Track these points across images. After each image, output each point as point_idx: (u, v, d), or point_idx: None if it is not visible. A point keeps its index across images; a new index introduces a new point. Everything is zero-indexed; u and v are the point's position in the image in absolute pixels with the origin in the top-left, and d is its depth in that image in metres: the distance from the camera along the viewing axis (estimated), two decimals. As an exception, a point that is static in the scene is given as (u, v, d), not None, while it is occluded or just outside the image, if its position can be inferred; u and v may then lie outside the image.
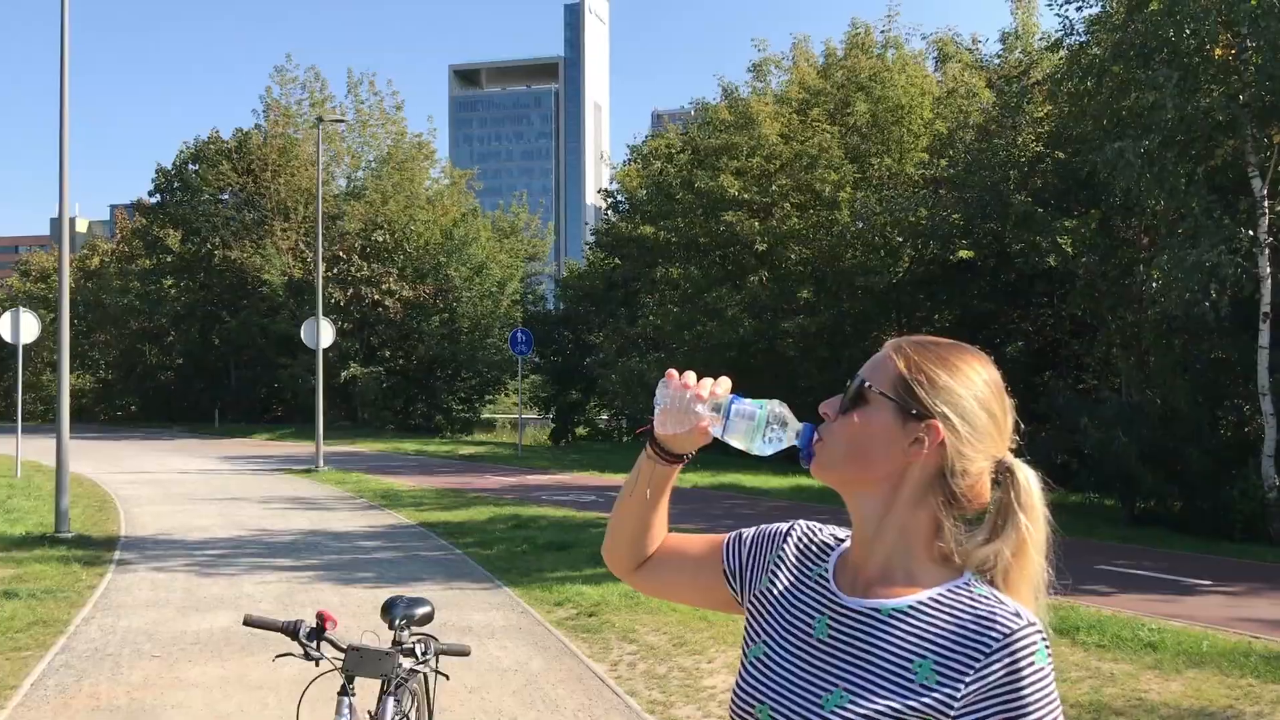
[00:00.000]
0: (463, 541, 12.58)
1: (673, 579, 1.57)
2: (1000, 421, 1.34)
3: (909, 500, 1.32)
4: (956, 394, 1.31)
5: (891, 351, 1.36)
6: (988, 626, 1.24)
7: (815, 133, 24.93)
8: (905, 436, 1.31)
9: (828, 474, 1.36)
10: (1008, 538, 1.31)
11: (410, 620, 3.57)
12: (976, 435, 1.31)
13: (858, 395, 1.33)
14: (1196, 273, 13.04)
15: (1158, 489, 15.54)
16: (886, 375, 1.33)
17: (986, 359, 1.37)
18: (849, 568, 1.38)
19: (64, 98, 12.72)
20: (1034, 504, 1.33)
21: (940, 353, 1.35)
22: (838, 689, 1.28)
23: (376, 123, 43.46)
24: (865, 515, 1.35)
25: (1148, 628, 7.89)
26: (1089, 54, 15.46)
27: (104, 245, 54.78)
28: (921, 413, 1.30)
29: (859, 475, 1.34)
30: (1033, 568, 1.32)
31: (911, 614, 1.29)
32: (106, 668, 6.94)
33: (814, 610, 1.37)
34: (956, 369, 1.33)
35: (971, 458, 1.31)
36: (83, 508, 15.22)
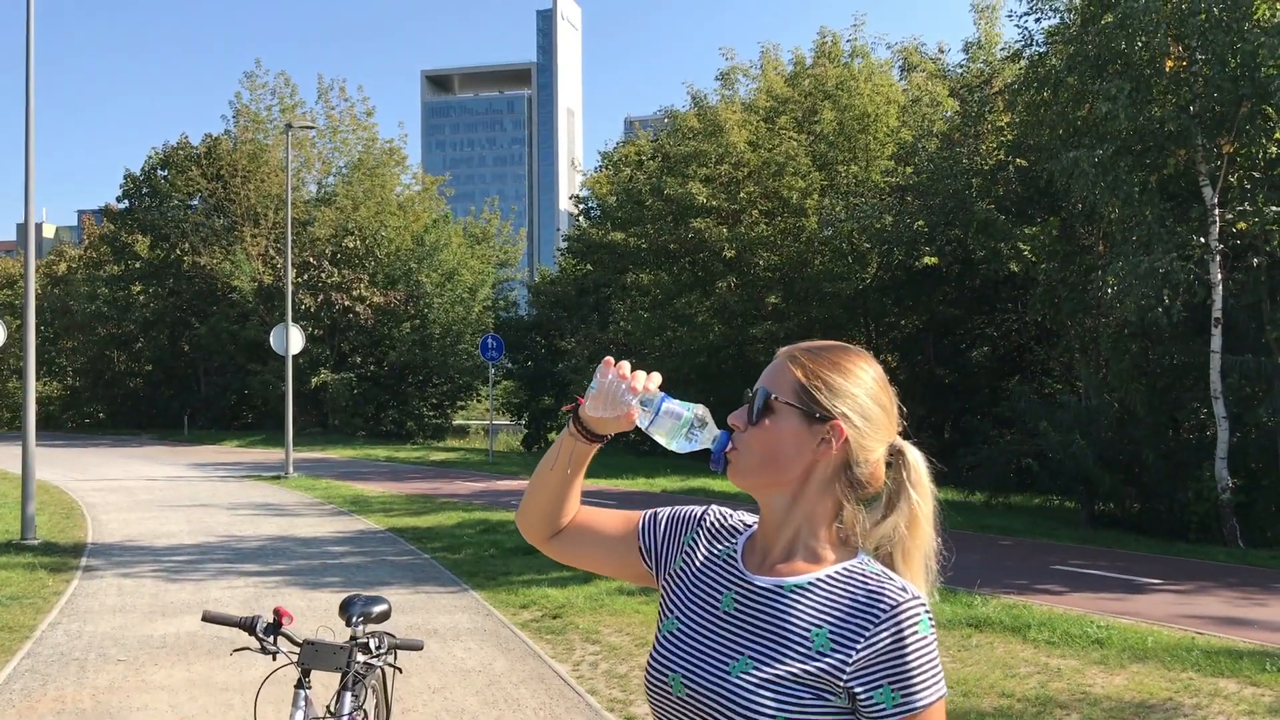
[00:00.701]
0: (430, 546, 12.66)
1: (587, 551, 1.67)
2: (889, 410, 1.51)
3: (815, 491, 1.48)
4: (852, 394, 1.47)
5: (787, 362, 1.50)
6: (877, 599, 1.40)
7: (782, 140, 25.19)
8: (812, 438, 1.46)
9: (745, 479, 1.50)
10: (902, 512, 1.48)
11: (367, 618, 3.66)
12: (872, 427, 1.48)
13: (765, 406, 1.47)
14: (1150, 279, 13.36)
15: (1116, 491, 15.86)
16: (787, 385, 1.48)
17: (870, 356, 1.53)
18: (757, 550, 1.53)
19: (29, 103, 12.73)
20: (923, 481, 1.50)
21: (831, 357, 1.50)
22: (743, 657, 1.43)
23: (347, 129, 43.39)
24: (775, 508, 1.50)
25: (1096, 625, 8.11)
26: (1047, 65, 15.79)
27: (71, 251, 54.28)
28: (824, 415, 1.46)
29: (774, 478, 1.48)
30: (925, 538, 1.50)
31: (811, 589, 1.45)
32: (72, 672, 7.00)
33: (722, 587, 1.52)
34: (848, 371, 1.49)
35: (870, 447, 1.48)
36: (49, 515, 15.18)
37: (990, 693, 6.49)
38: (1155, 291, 13.53)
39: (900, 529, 1.48)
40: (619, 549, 1.65)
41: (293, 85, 43.73)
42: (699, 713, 1.43)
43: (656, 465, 25.53)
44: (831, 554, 1.47)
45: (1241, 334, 14.80)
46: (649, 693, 1.51)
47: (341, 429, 39.91)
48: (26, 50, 12.74)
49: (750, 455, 1.48)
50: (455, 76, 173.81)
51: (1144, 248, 13.75)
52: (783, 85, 27.40)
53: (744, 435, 1.48)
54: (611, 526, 1.67)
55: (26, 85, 12.73)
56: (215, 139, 43.95)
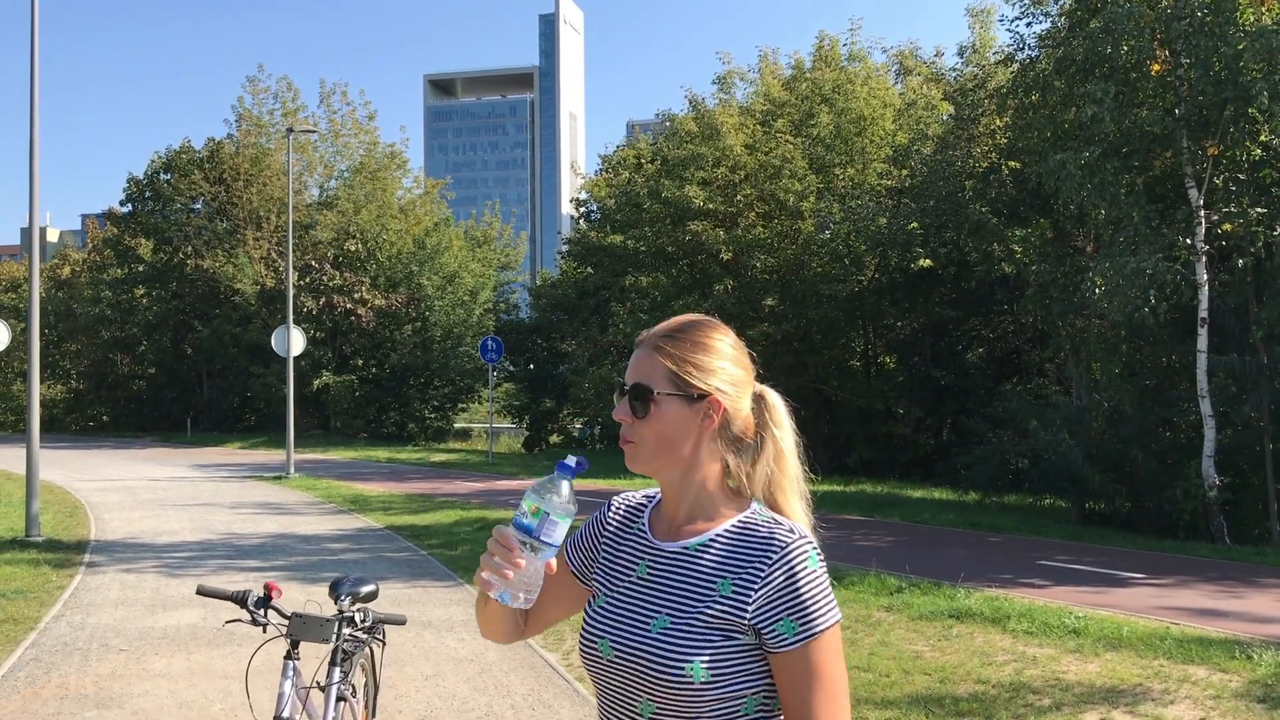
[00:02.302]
0: (428, 543, 12.87)
1: (551, 615, 1.78)
2: (749, 368, 1.70)
3: (704, 458, 1.66)
4: (718, 367, 1.65)
5: (652, 352, 1.63)
6: (768, 543, 1.57)
7: (779, 144, 25.39)
8: (695, 416, 1.63)
9: (643, 467, 1.66)
10: (770, 450, 1.67)
11: (355, 597, 3.83)
12: (740, 389, 1.67)
13: (647, 399, 1.63)
14: (1137, 280, 13.54)
15: (1106, 489, 16.03)
16: (660, 375, 1.62)
17: (721, 324, 1.70)
18: (664, 519, 1.70)
19: (34, 108, 12.96)
20: (782, 418, 1.69)
21: (691, 337, 1.66)
22: (661, 615, 1.60)
23: (349, 132, 43.67)
24: (672, 481, 1.67)
25: (1074, 616, 8.30)
26: (1036, 69, 15.99)
27: (75, 255, 54.58)
28: (701, 394, 1.63)
29: (669, 460, 1.64)
30: (792, 467, 1.68)
31: (712, 545, 1.63)
32: (75, 660, 7.20)
33: (636, 558, 1.70)
34: (710, 347, 1.66)
35: (741, 406, 1.67)
36: (53, 514, 15.40)
37: (967, 679, 6.69)
38: (1142, 292, 13.71)
39: (771, 466, 1.65)
40: (568, 592, 1.76)
41: (295, 90, 44.06)
42: (628, 669, 1.59)
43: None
44: (726, 509, 1.65)
45: (1228, 334, 14.98)
46: (584, 660, 1.69)
47: (343, 431, 40.14)
48: (31, 57, 12.97)
49: (644, 446, 1.61)
50: (458, 80, 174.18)
51: (1131, 249, 13.93)
52: (780, 89, 27.61)
53: (634, 428, 1.61)
54: (550, 582, 1.69)
55: (31, 92, 12.96)
56: (218, 143, 44.22)
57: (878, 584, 9.66)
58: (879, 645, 7.56)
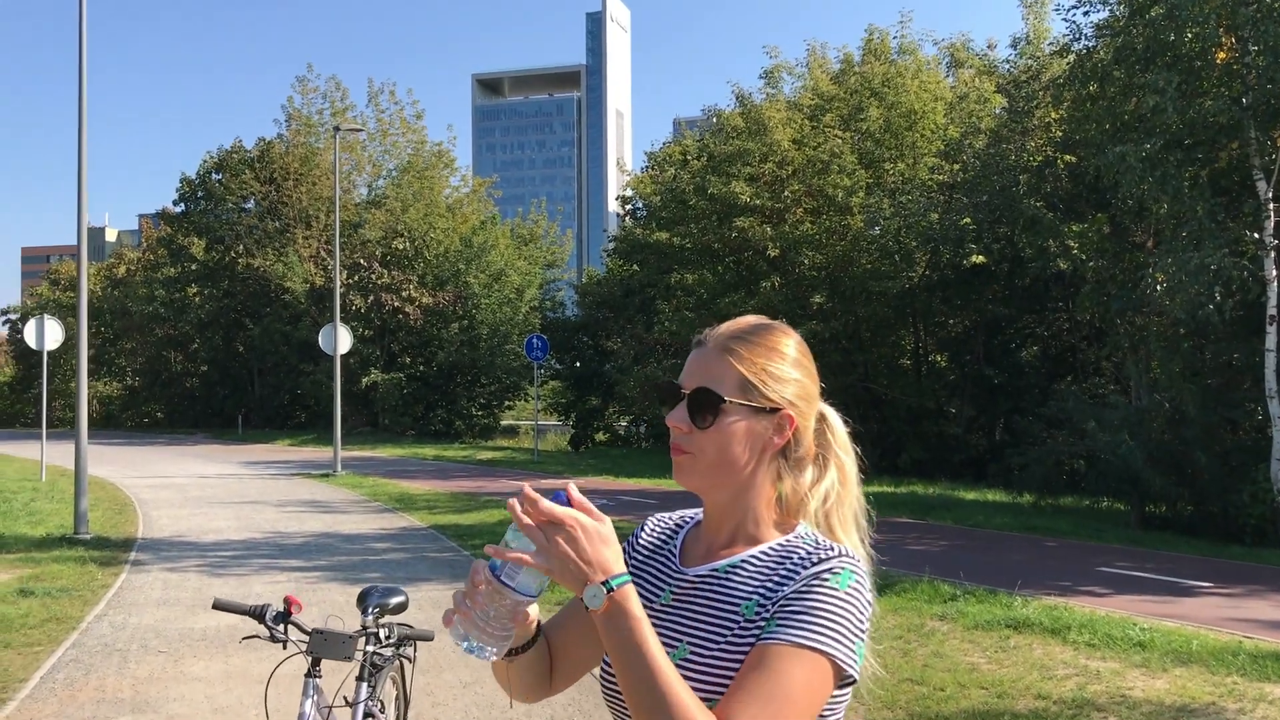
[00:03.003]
0: (471, 544, 12.76)
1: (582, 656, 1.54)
2: (817, 381, 1.50)
3: (761, 478, 1.46)
4: (792, 377, 1.45)
5: (722, 354, 1.43)
6: (804, 561, 1.38)
7: (828, 138, 25.01)
8: (764, 432, 1.43)
9: (696, 483, 1.45)
10: (831, 475, 1.49)
11: (384, 609, 3.68)
12: (810, 403, 1.48)
13: (713, 407, 1.42)
14: (1201, 276, 13.05)
15: (1167, 493, 15.52)
16: (731, 380, 1.43)
17: (789, 328, 1.51)
18: (701, 542, 1.51)
19: (82, 110, 13.03)
20: (845, 442, 1.52)
21: (764, 342, 1.46)
22: (682, 644, 1.41)
23: (397, 131, 43.92)
24: (721, 503, 1.48)
25: (1139, 627, 7.94)
26: (1094, 59, 15.50)
27: (130, 254, 55.55)
28: (773, 407, 1.43)
29: (728, 480, 1.44)
30: (853, 493, 1.51)
31: (744, 566, 1.43)
32: (114, 662, 7.15)
33: (660, 584, 1.50)
34: (783, 354, 1.46)
35: (810, 424, 1.48)
36: (103, 510, 15.55)
37: (1026, 694, 6.39)
38: (1206, 289, 13.21)
39: (834, 488, 1.49)
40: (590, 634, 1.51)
41: (343, 89, 44.42)
42: None
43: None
44: (771, 533, 1.46)
45: (1297, 332, 14.41)
46: (604, 694, 1.50)
47: (391, 428, 40.38)
48: (80, 57, 13.04)
49: (701, 460, 1.42)
50: (505, 80, 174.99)
51: (1194, 244, 13.43)
52: (828, 83, 27.21)
53: (692, 438, 1.42)
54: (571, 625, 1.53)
55: (80, 94, 13.04)
56: (268, 143, 44.72)
57: (931, 591, 9.35)
58: (933, 656, 7.27)
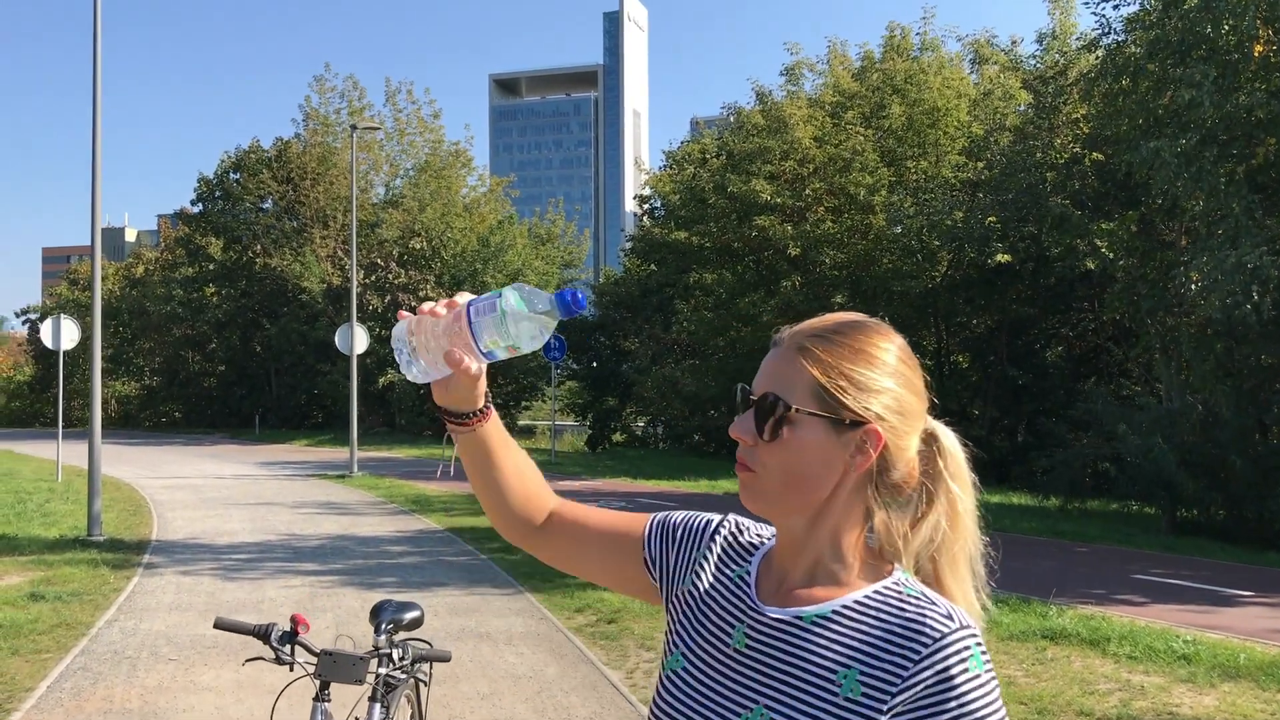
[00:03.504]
0: (488, 547, 12.53)
1: (574, 552, 1.44)
2: (922, 393, 1.25)
3: (842, 506, 1.22)
4: (883, 386, 1.20)
5: (796, 355, 1.21)
6: (916, 631, 1.14)
7: (850, 136, 24.72)
8: (843, 449, 1.19)
9: (763, 505, 1.23)
10: (941, 509, 1.23)
11: (398, 625, 3.47)
12: (907, 420, 1.22)
13: (779, 416, 1.19)
14: (1237, 275, 12.69)
15: (1200, 497, 15.15)
16: (804, 387, 1.19)
17: (888, 328, 1.26)
18: (773, 573, 1.28)
19: (96, 113, 12.89)
20: (962, 470, 1.25)
21: (849, 343, 1.22)
22: (758, 705, 1.19)
23: (414, 131, 43.82)
24: (794, 530, 1.24)
25: (1182, 639, 7.65)
26: (1125, 53, 15.15)
27: (148, 254, 55.69)
28: (855, 420, 1.19)
29: (800, 502, 1.21)
30: (968, 535, 1.25)
31: (835, 619, 1.19)
32: (123, 670, 6.96)
33: (733, 619, 1.27)
34: (873, 358, 1.21)
35: (908, 444, 1.22)
36: (118, 512, 15.41)
37: (1067, 710, 6.12)
38: (1243, 288, 12.84)
39: (941, 528, 1.23)
40: (615, 555, 1.41)
41: (361, 89, 44.35)
42: None
43: (718, 467, 25.23)
44: (859, 575, 1.22)
45: (1337, 332, 14.03)
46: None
47: (407, 428, 40.27)
48: (94, 59, 12.89)
49: (769, 478, 1.21)
50: (522, 80, 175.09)
51: (1230, 242, 13.07)
52: (850, 80, 26.91)
53: (756, 452, 1.21)
54: (606, 527, 1.42)
55: (94, 96, 12.88)
56: (285, 142, 44.70)
57: (962, 599, 9.06)
58: (968, 670, 6.99)
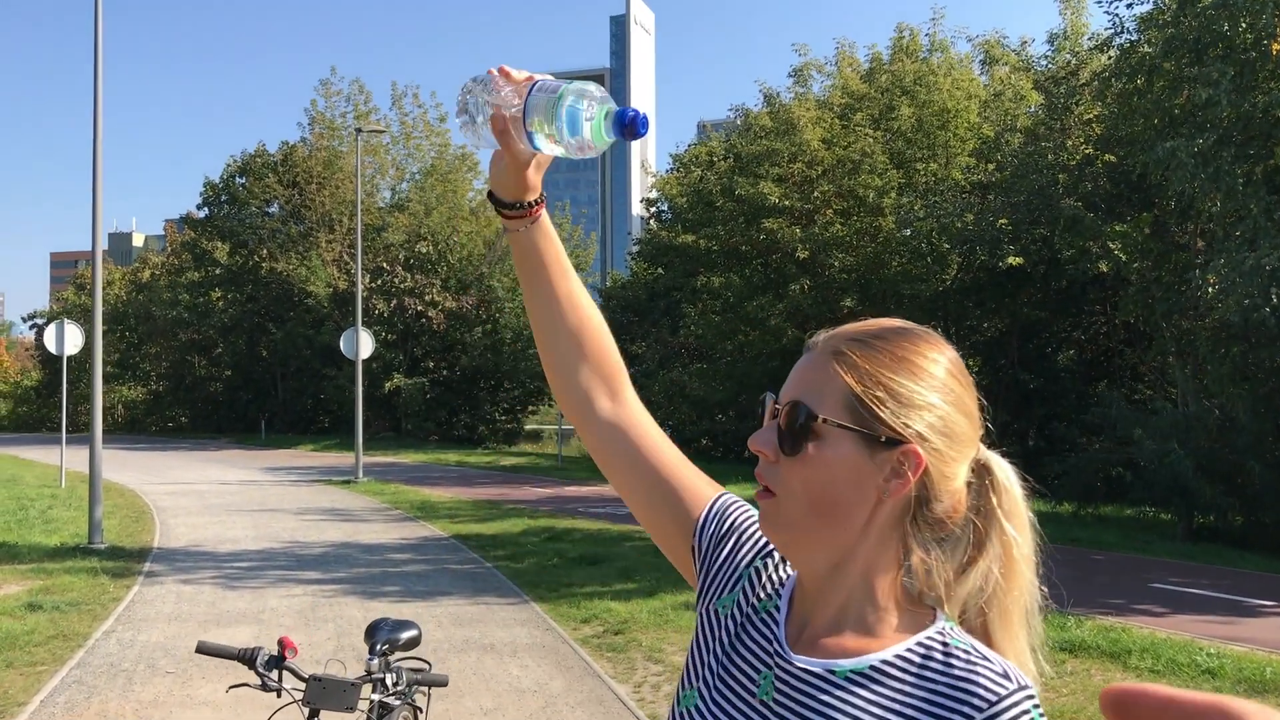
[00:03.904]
0: (494, 555, 12.36)
1: (626, 473, 1.26)
2: (974, 415, 1.07)
3: (875, 540, 1.04)
4: (928, 402, 1.03)
5: (829, 360, 1.05)
6: (967, 692, 0.97)
7: (858, 138, 24.50)
8: (877, 471, 1.02)
9: (784, 533, 1.06)
10: (993, 552, 1.05)
11: (394, 645, 3.31)
12: (955, 444, 1.04)
13: (805, 428, 1.03)
14: (1256, 277, 12.46)
15: (1217, 503, 14.91)
16: (835, 396, 1.03)
17: (939, 338, 1.09)
18: (798, 613, 1.10)
19: (97, 117, 12.76)
20: (1018, 508, 1.08)
21: (891, 349, 1.05)
22: None
23: (420, 134, 43.72)
24: (818, 565, 1.06)
25: (1206, 652, 7.44)
26: (1140, 52, 14.93)
27: (155, 258, 55.66)
28: (892, 438, 1.02)
29: (826, 530, 1.04)
30: (1024, 585, 1.07)
31: (874, 677, 1.02)
32: (119, 684, 6.79)
33: (759, 664, 1.09)
34: (918, 369, 1.04)
35: (952, 473, 1.04)
36: (120, 518, 15.27)
37: (1090, 727, 5.91)
38: (1261, 290, 12.61)
39: (994, 577, 1.05)
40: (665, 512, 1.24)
41: (366, 92, 44.27)
42: None
43: (726, 471, 24.97)
44: (896, 622, 1.04)
45: (1357, 336, 13.77)
46: None
47: (414, 433, 40.11)
48: (95, 65, 12.76)
49: (791, 500, 1.04)
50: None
51: (1249, 243, 12.84)
52: (859, 82, 26.70)
53: (777, 469, 1.05)
54: (671, 474, 1.24)
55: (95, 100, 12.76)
56: (291, 146, 44.62)
57: (977, 609, 8.86)
58: (987, 684, 6.79)
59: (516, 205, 1.26)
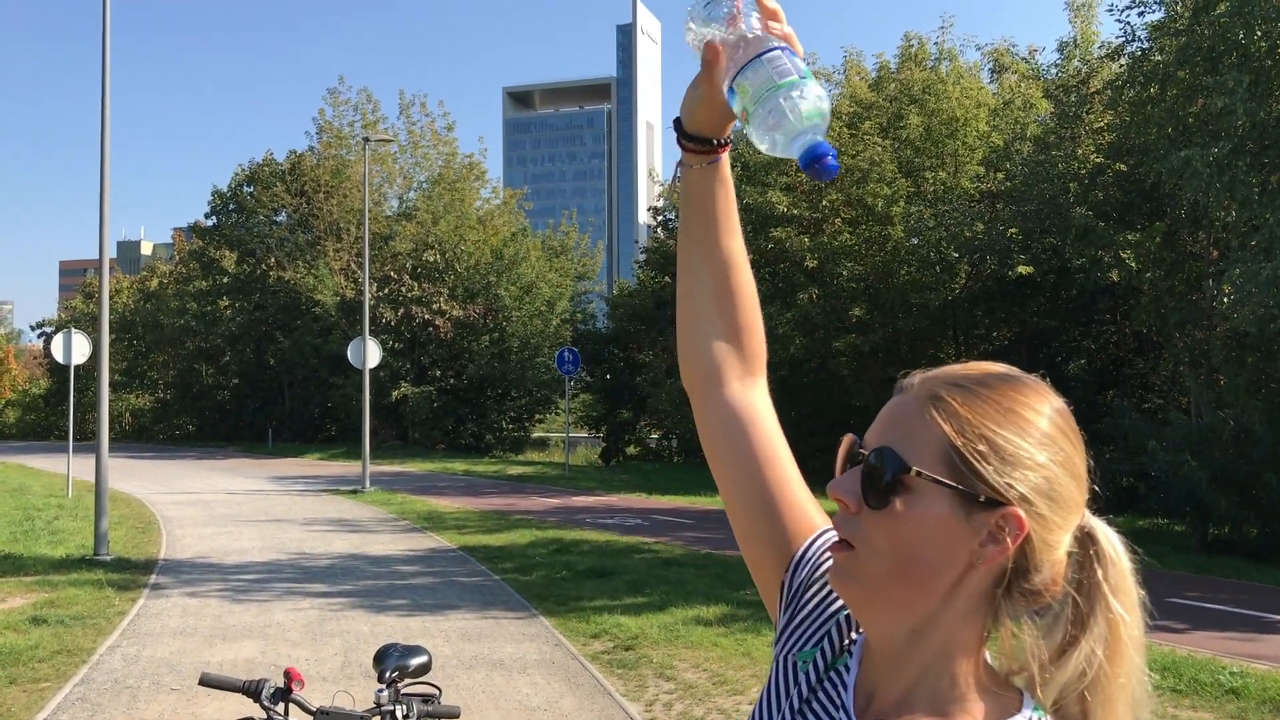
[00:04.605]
0: (501, 567, 12.25)
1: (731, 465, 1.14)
2: (1083, 478, 0.95)
3: (962, 611, 0.93)
4: (1035, 461, 0.91)
5: (926, 404, 0.94)
6: None
7: (867, 146, 24.43)
8: (973, 534, 0.91)
9: (860, 594, 0.94)
10: (1096, 634, 0.93)
11: (404, 672, 3.20)
12: (1062, 509, 0.93)
13: (894, 481, 0.92)
14: (1272, 287, 12.33)
15: (1232, 515, 14.74)
16: (930, 446, 0.92)
17: (1048, 389, 0.97)
18: (866, 680, 0.98)
19: (104, 124, 12.71)
20: (1127, 584, 0.95)
21: (997, 399, 0.93)
22: None
23: (428, 143, 43.69)
24: (894, 633, 0.95)
25: (1229, 671, 7.30)
26: (1152, 60, 14.82)
27: (162, 267, 55.76)
28: (992, 499, 0.90)
29: (909, 595, 0.93)
30: (1129, 671, 0.94)
31: None
32: (123, 701, 6.70)
33: None
34: (1026, 422, 0.92)
35: (1057, 541, 0.93)
36: (126, 529, 15.19)
37: (1112, 749, 5.77)
38: (1277, 300, 12.49)
39: (1097, 660, 0.92)
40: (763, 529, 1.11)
41: (374, 101, 44.26)
42: None
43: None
44: (977, 708, 0.92)
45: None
46: None
47: (421, 442, 40.03)
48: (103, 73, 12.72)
49: (874, 557, 0.92)
50: (536, 93, 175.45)
51: (1265, 253, 12.71)
52: (867, 90, 26.63)
53: (858, 522, 0.93)
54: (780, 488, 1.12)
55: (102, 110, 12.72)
56: (299, 155, 44.64)
57: (993, 625, 8.72)
58: (1005, 703, 6.66)
59: (700, 139, 1.15)
